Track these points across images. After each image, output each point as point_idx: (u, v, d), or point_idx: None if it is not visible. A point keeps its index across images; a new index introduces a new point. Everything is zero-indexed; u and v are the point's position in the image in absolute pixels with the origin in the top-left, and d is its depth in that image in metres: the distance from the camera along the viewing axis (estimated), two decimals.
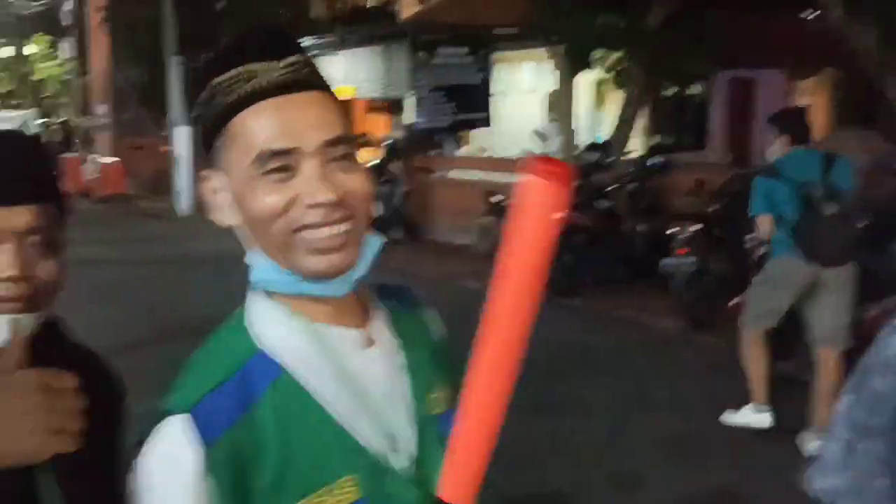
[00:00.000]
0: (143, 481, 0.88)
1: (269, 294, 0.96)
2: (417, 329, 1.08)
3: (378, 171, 11.17)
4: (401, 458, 0.95)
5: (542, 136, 11.48)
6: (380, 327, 1.01)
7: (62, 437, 0.84)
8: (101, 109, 22.27)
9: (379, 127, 15.69)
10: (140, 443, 0.89)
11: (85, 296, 6.85)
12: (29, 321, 1.03)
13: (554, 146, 11.10)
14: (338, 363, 0.94)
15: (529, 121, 13.20)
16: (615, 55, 11.70)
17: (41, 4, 27.09)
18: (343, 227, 0.90)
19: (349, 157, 0.92)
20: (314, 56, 1.06)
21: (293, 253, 0.91)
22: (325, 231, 0.89)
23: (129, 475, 0.90)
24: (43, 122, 24.66)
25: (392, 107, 14.98)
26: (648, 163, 9.22)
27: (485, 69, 13.62)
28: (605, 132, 12.43)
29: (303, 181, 0.89)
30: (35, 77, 29.44)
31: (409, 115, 13.43)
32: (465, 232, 10.34)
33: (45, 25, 27.09)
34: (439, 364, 1.07)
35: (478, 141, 14.67)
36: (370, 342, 0.98)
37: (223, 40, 1.05)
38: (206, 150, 0.95)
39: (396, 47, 13.38)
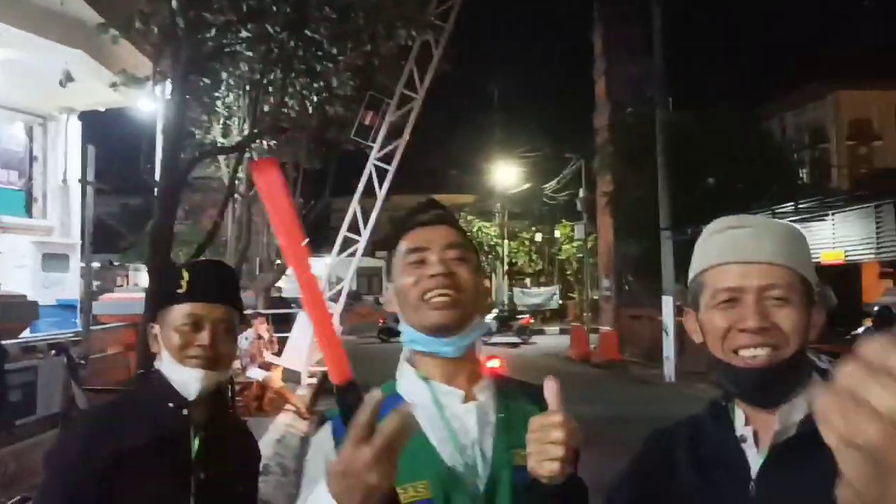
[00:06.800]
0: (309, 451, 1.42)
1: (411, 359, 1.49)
2: (524, 405, 1.45)
3: None
4: (473, 483, 1.35)
5: None
6: (482, 391, 1.45)
7: None
8: (606, 283, 25.63)
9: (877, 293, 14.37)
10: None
11: None
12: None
13: None
14: (441, 408, 1.41)
15: None
16: None
17: (566, 194, 32.42)
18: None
19: (464, 259, 1.46)
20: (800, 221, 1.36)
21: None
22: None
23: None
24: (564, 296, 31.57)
25: None
26: None
27: None
28: None
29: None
30: (560, 257, 36.50)
31: None
32: None
33: (569, 212, 33.19)
34: None
35: None
36: (470, 399, 1.43)
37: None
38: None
39: (886, 206, 12.46)
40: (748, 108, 23.68)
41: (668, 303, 16.67)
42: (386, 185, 19.73)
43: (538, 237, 37.96)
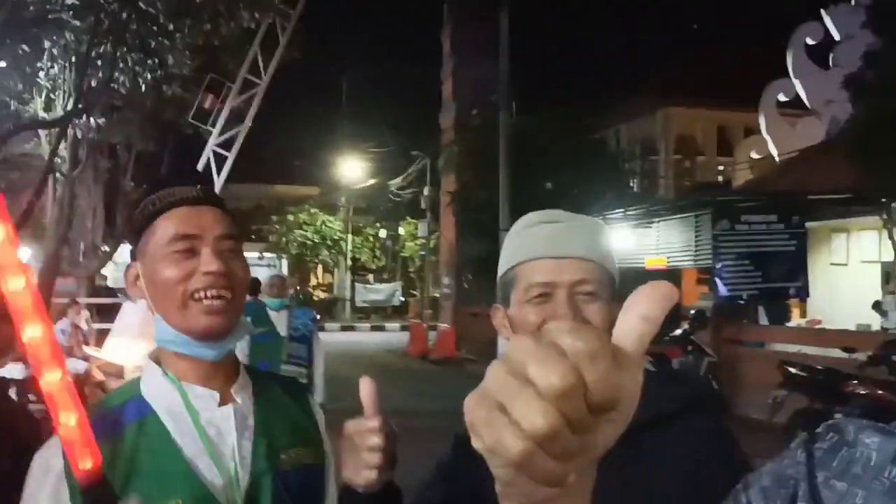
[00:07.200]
0: (29, 476, 1.20)
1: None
2: (282, 401, 1.37)
3: (683, 341, 10.91)
4: (232, 495, 1.21)
5: (881, 309, 12.45)
6: (239, 392, 1.30)
7: None
8: (446, 281, 25.16)
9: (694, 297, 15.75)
10: None
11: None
12: None
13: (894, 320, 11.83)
14: (195, 414, 1.24)
15: (870, 293, 13.87)
16: None
17: (412, 192, 31.65)
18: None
19: (238, 252, 1.30)
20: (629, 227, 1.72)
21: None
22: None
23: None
24: (407, 293, 34.16)
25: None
26: None
27: (799, 237, 12.93)
28: None
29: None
30: (403, 254, 36.08)
31: (717, 283, 12.86)
32: (765, 406, 9.45)
33: (413, 210, 32.23)
34: (301, 433, 1.35)
35: (811, 313, 14.75)
36: (226, 401, 1.28)
37: None
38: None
39: (704, 216, 13.18)
40: (587, 115, 24.69)
41: None
42: (225, 171, 19.15)
43: (382, 233, 38.01)
